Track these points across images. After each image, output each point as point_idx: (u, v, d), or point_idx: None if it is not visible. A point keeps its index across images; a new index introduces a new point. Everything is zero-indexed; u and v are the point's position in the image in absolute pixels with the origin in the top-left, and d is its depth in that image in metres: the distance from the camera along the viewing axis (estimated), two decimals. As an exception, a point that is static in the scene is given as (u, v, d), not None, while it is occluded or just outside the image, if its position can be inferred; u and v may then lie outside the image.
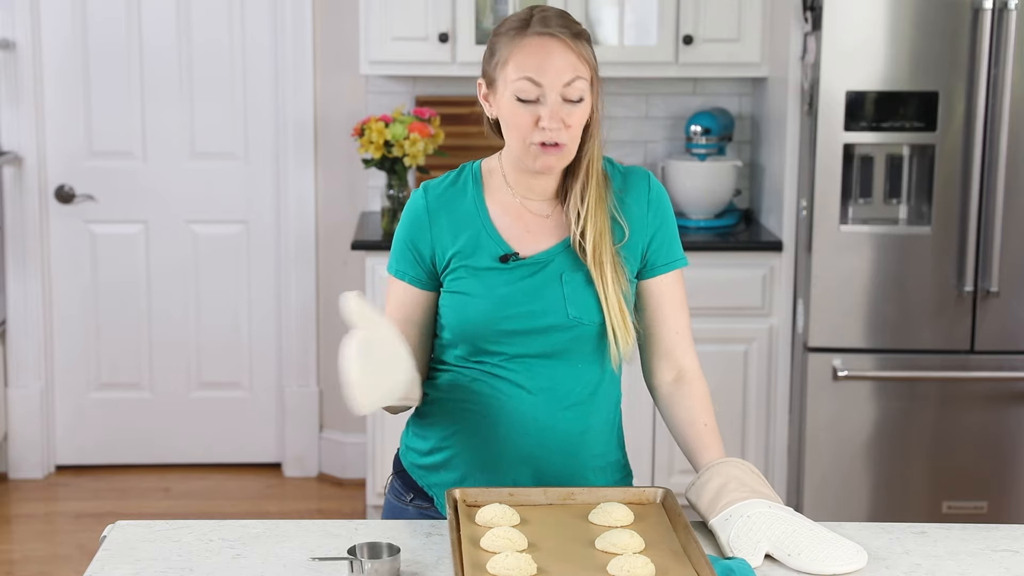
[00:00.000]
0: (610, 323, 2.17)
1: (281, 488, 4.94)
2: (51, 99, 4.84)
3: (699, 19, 4.45)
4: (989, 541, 2.11)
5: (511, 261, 2.18)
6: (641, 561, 1.87)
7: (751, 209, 4.81)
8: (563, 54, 2.10)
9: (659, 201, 2.25)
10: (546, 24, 2.12)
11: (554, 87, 2.10)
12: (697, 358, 2.29)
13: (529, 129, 2.12)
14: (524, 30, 2.12)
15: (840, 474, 4.17)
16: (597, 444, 2.25)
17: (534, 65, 2.10)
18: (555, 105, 2.10)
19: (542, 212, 2.22)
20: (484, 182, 2.23)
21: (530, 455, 2.19)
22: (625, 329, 2.18)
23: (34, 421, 4.96)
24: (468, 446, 2.21)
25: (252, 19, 4.84)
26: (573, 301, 2.17)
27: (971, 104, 3.99)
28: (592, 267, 2.17)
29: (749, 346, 4.40)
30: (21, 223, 4.86)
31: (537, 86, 2.10)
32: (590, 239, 2.16)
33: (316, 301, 4.96)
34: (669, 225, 2.25)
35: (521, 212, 2.21)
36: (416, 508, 2.27)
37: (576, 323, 2.17)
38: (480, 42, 4.45)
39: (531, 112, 2.11)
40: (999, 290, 4.07)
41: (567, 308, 2.17)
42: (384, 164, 4.41)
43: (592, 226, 2.16)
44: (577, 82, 2.11)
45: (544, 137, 2.11)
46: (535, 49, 2.11)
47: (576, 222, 2.18)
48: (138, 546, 2.04)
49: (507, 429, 2.18)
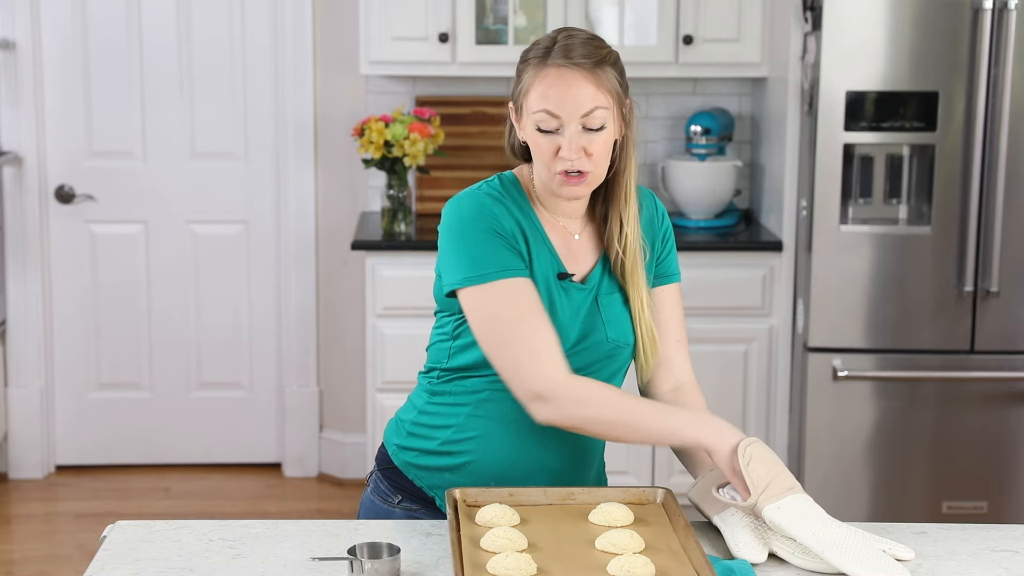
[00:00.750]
0: (641, 341, 2.23)
1: (281, 488, 4.94)
2: (51, 99, 4.84)
3: (699, 19, 4.45)
4: (989, 541, 2.11)
5: (567, 281, 2.19)
6: (641, 561, 1.87)
7: (751, 209, 4.81)
8: (582, 86, 2.10)
9: (664, 218, 2.31)
10: (567, 54, 2.11)
11: (572, 118, 2.10)
12: (693, 371, 2.32)
13: (551, 158, 2.12)
14: (545, 59, 2.12)
15: (840, 474, 4.17)
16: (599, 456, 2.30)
17: (553, 97, 2.10)
18: (574, 135, 2.10)
19: (574, 231, 2.24)
20: (527, 195, 2.22)
21: (546, 466, 2.21)
22: (653, 345, 2.24)
23: (34, 421, 4.96)
24: (486, 454, 2.20)
25: (252, 19, 4.84)
26: (612, 324, 2.21)
27: (971, 104, 3.99)
28: (630, 289, 2.21)
29: (749, 346, 4.40)
30: (21, 223, 4.86)
31: (555, 118, 2.11)
32: (631, 261, 2.20)
33: (316, 301, 4.96)
34: (672, 240, 2.32)
35: (561, 231, 2.22)
36: (404, 510, 2.26)
37: (614, 345, 2.20)
38: (480, 42, 4.45)
39: (552, 142, 2.12)
40: (999, 290, 4.07)
41: (607, 331, 2.20)
42: (384, 164, 4.41)
43: (631, 249, 2.20)
44: (597, 111, 2.11)
45: (566, 166, 2.12)
46: (554, 80, 2.11)
47: (619, 243, 2.20)
48: (138, 546, 2.04)
49: (527, 440, 2.19)
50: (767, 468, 2.01)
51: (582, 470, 2.25)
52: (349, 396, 4.96)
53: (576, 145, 2.10)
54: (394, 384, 4.31)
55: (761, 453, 2.03)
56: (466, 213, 2.14)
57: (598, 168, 2.14)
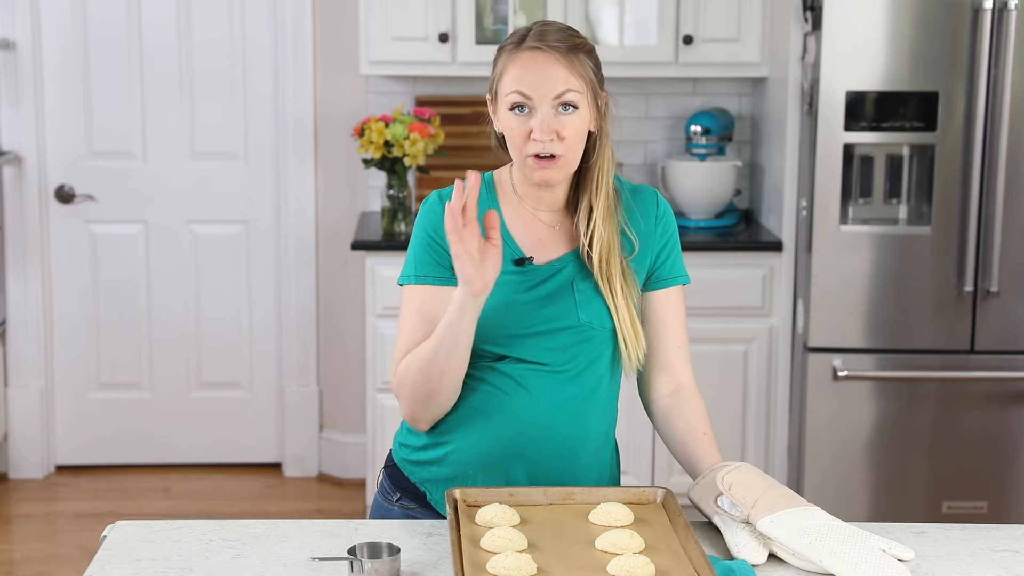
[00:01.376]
0: (621, 333, 2.21)
1: (281, 488, 4.94)
2: (51, 99, 4.84)
3: (699, 19, 4.45)
4: (989, 541, 2.11)
5: (526, 265, 2.20)
6: (641, 561, 1.87)
7: (751, 209, 4.81)
8: (554, 68, 2.13)
9: (666, 218, 2.30)
10: (542, 38, 2.15)
11: (544, 99, 2.12)
12: (693, 376, 2.31)
13: (523, 141, 2.15)
14: (520, 44, 2.16)
15: (840, 474, 4.17)
16: (591, 451, 2.26)
17: (526, 79, 2.13)
18: (546, 117, 2.12)
19: (552, 223, 2.25)
20: (497, 191, 2.26)
21: (526, 455, 2.20)
22: (636, 339, 2.21)
23: (34, 421, 4.96)
24: (465, 443, 2.21)
25: (252, 19, 4.84)
26: (585, 307, 2.20)
27: (971, 104, 3.99)
28: (600, 278, 2.20)
29: (749, 346, 4.40)
30: (21, 223, 4.86)
31: (528, 99, 2.13)
32: (596, 251, 2.19)
33: (316, 301, 4.96)
34: (675, 242, 2.30)
35: (533, 222, 2.24)
36: (401, 508, 2.27)
37: (587, 327, 2.19)
38: (480, 42, 4.45)
39: (524, 125, 2.14)
40: (999, 290, 4.07)
41: (579, 313, 2.19)
42: (384, 164, 4.41)
43: (599, 239, 2.19)
44: (569, 94, 2.13)
45: (537, 149, 2.13)
46: (526, 63, 2.14)
47: (585, 234, 2.20)
48: (138, 546, 2.04)
49: (505, 427, 2.19)
50: (750, 490, 2.05)
51: (566, 460, 2.22)
52: (349, 396, 4.96)
53: (548, 127, 2.12)
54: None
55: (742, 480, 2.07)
56: (419, 215, 2.24)
57: (570, 153, 2.15)
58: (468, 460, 2.21)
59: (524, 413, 2.18)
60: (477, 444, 2.20)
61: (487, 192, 2.24)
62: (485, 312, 2.14)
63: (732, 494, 2.05)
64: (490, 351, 2.19)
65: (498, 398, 2.19)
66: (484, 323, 2.15)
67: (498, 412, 2.19)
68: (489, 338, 2.18)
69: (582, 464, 2.24)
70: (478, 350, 2.18)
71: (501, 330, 2.17)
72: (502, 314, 2.17)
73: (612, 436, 2.33)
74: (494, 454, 2.20)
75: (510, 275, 2.19)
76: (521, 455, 2.20)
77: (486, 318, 2.15)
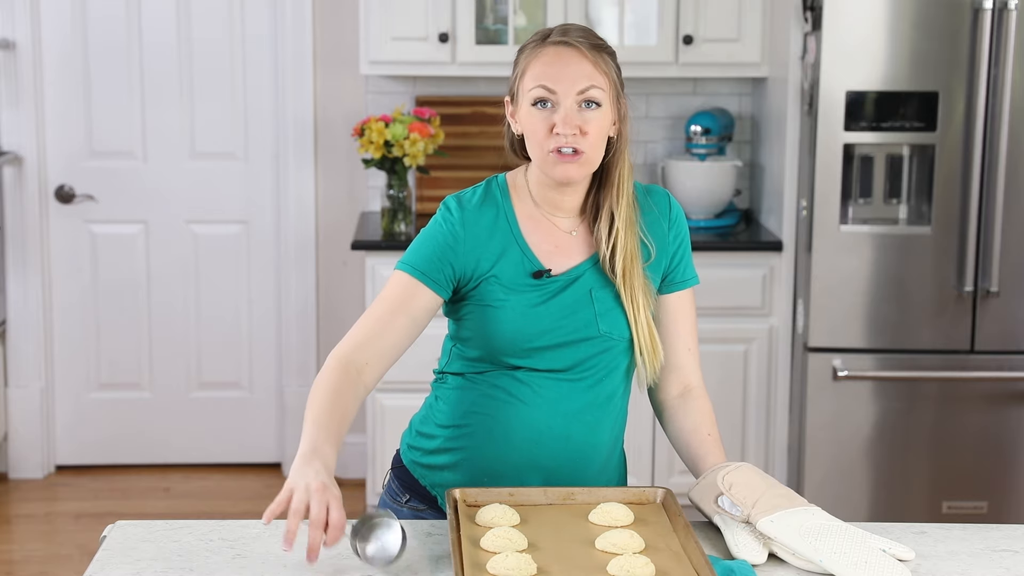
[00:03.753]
0: (639, 345, 2.20)
1: (281, 488, 4.93)
2: (51, 99, 4.84)
3: (699, 19, 4.45)
4: (989, 541, 2.10)
5: (544, 278, 2.18)
6: (641, 561, 1.87)
7: (751, 209, 4.81)
8: (579, 63, 2.12)
9: (679, 221, 2.28)
10: (565, 34, 2.15)
11: (568, 94, 2.11)
12: (702, 377, 2.31)
13: (545, 136, 2.12)
14: (543, 42, 2.15)
15: (840, 474, 4.17)
16: (601, 458, 2.26)
17: (550, 73, 2.12)
18: (570, 111, 2.11)
19: (569, 228, 2.22)
20: (511, 194, 2.23)
21: (540, 463, 2.20)
22: (653, 350, 2.20)
23: (34, 421, 4.96)
24: (478, 451, 2.21)
25: (252, 19, 4.84)
26: (604, 317, 2.18)
27: (971, 104, 3.99)
28: (622, 290, 2.18)
29: (749, 346, 4.40)
30: (21, 223, 4.86)
31: (552, 92, 2.11)
32: (620, 261, 2.17)
33: (316, 301, 4.96)
34: (687, 244, 2.28)
35: (550, 228, 2.21)
36: (411, 510, 2.27)
37: (606, 338, 2.18)
38: (480, 42, 4.45)
39: (547, 119, 2.12)
40: (999, 290, 4.07)
41: (598, 324, 2.18)
42: (384, 164, 4.41)
43: (622, 248, 2.17)
44: (593, 90, 2.12)
45: (560, 143, 2.11)
46: (551, 58, 2.13)
47: (607, 243, 2.18)
48: (138, 546, 2.04)
49: (520, 437, 2.19)
50: (750, 490, 2.05)
51: (579, 468, 2.23)
52: (349, 396, 4.95)
53: (571, 121, 2.10)
54: (394, 384, 4.30)
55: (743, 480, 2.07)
56: (440, 218, 2.20)
57: (592, 150, 2.13)
58: (480, 468, 2.21)
59: (541, 422, 2.18)
60: (491, 452, 2.20)
61: (502, 199, 2.22)
62: (504, 325, 2.14)
63: (732, 494, 2.05)
64: (509, 362, 2.18)
65: (514, 406, 2.18)
66: (503, 336, 2.15)
67: (512, 421, 2.18)
68: (508, 351, 2.17)
69: (592, 472, 2.25)
70: (495, 360, 2.18)
71: (521, 343, 2.16)
72: (522, 327, 2.16)
73: (621, 444, 2.33)
74: (508, 462, 2.20)
75: (527, 287, 2.17)
76: (536, 464, 2.20)
77: (505, 331, 2.14)
